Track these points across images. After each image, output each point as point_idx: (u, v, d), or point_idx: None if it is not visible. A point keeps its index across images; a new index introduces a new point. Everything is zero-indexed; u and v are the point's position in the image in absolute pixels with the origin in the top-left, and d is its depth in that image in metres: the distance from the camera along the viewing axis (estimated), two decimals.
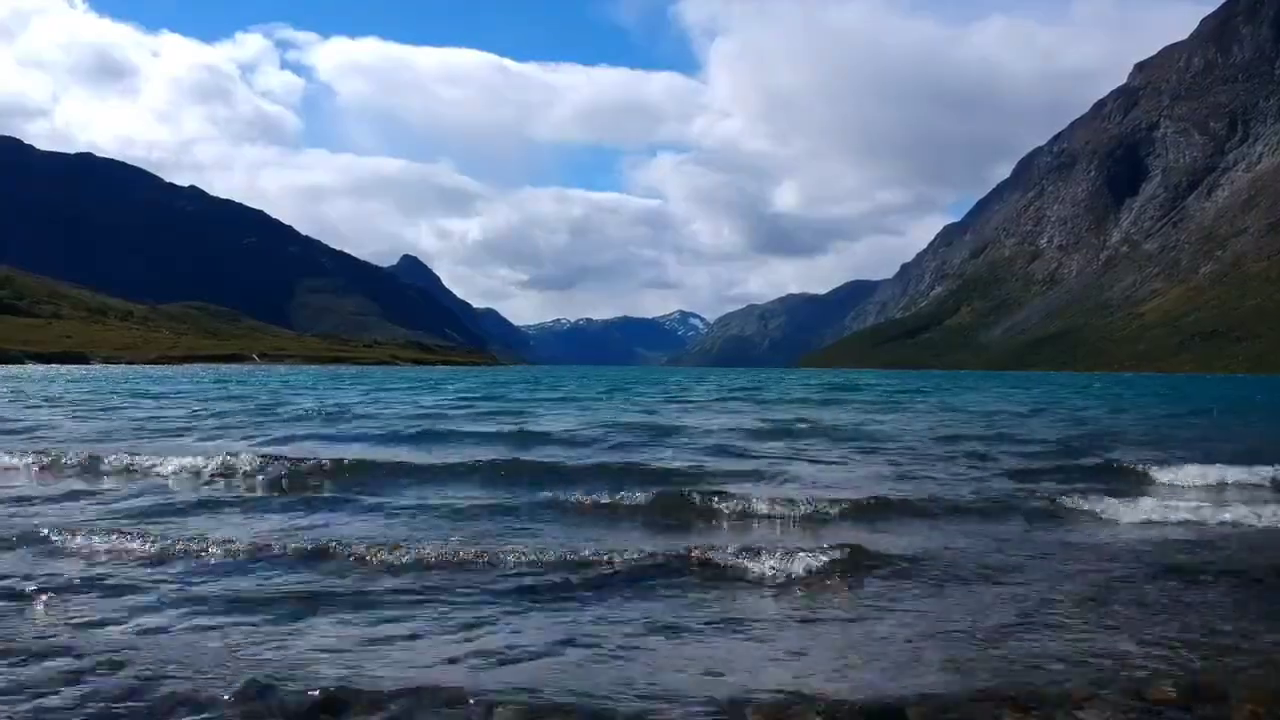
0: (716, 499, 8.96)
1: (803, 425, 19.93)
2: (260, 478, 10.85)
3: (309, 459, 11.64)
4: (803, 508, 8.61)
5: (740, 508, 8.74)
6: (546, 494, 9.55)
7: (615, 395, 38.39)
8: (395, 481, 10.79)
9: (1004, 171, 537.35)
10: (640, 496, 9.10)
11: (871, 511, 8.72)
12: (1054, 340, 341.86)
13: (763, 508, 8.70)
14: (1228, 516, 8.48)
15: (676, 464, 12.61)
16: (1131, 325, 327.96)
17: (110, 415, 21.65)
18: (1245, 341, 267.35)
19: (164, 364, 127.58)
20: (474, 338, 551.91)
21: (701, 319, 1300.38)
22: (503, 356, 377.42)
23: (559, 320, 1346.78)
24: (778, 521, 8.41)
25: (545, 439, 16.30)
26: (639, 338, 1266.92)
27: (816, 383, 69.80)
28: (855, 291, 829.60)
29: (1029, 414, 26.94)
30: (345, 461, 11.70)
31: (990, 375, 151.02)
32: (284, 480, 10.73)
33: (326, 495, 9.76)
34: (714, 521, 8.48)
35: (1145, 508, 8.78)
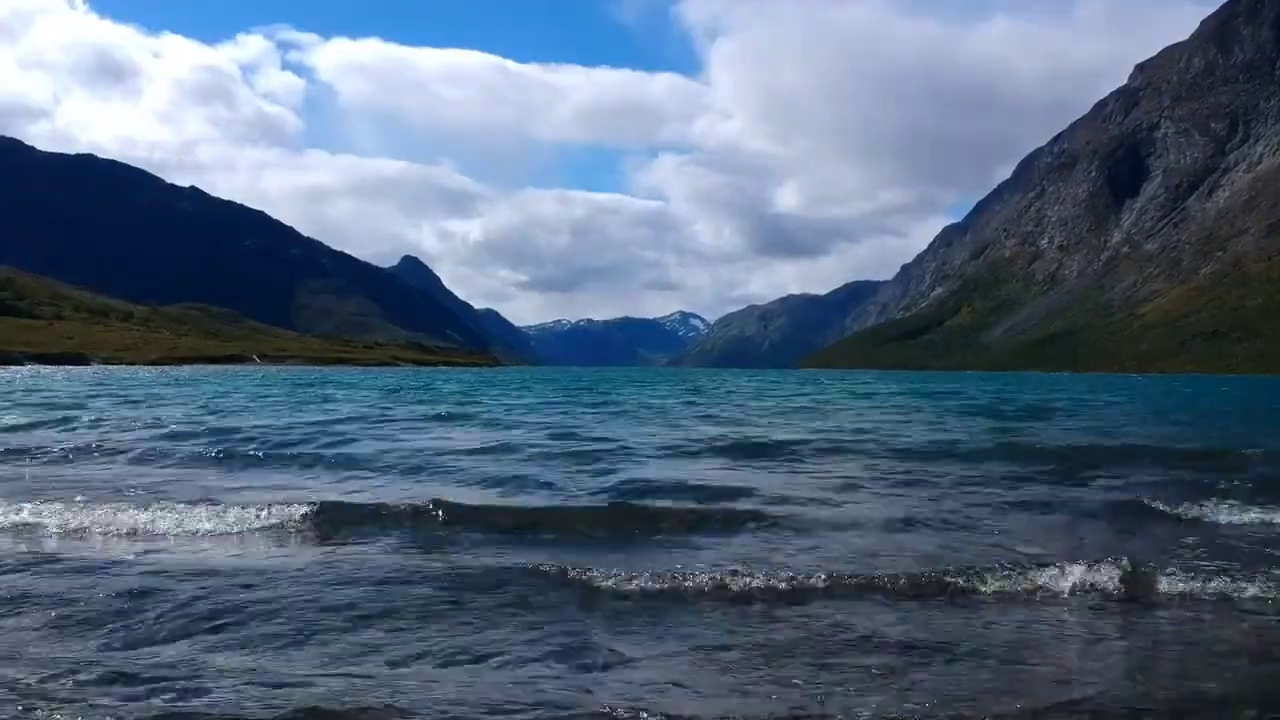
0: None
1: (786, 440, 18.09)
2: None
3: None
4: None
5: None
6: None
7: (590, 398, 38.36)
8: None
9: (1005, 172, 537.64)
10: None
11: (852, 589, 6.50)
12: (1055, 341, 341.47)
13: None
14: None
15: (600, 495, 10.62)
16: (1132, 326, 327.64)
17: None
18: (1246, 342, 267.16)
19: (165, 365, 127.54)
20: (475, 338, 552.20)
21: (702, 320, 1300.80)
22: (504, 357, 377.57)
23: (560, 321, 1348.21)
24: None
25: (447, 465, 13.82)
26: (640, 338, 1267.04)
27: (814, 385, 69.74)
28: (856, 292, 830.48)
29: (1045, 423, 25.54)
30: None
31: (995, 376, 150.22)
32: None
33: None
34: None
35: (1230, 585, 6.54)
